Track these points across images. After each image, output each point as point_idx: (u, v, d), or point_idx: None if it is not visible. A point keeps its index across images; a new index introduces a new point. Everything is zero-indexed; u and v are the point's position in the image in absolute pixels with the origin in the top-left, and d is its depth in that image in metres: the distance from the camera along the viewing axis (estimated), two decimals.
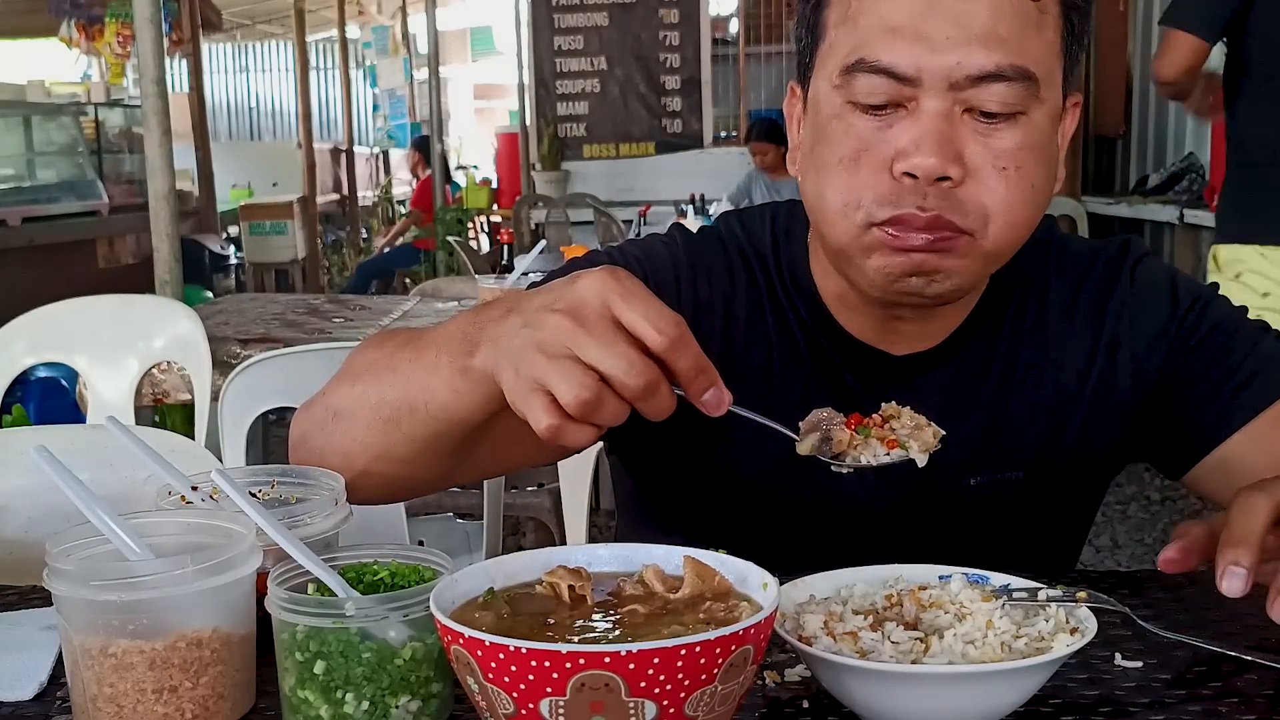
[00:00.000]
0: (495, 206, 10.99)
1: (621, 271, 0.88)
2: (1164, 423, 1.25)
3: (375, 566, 0.92)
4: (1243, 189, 3.26)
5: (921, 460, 0.98)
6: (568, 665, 0.71)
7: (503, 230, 6.49)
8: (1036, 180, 1.10)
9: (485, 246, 10.64)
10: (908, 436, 0.99)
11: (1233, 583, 0.89)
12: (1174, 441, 1.26)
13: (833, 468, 0.99)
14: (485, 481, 2.49)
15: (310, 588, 0.88)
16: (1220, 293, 1.28)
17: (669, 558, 0.88)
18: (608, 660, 0.71)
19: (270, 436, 3.47)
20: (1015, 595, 0.94)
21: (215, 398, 2.66)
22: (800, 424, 0.99)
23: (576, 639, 0.79)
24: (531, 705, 0.73)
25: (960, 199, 1.07)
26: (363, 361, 1.10)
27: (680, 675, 0.72)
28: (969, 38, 1.05)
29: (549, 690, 0.72)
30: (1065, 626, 0.89)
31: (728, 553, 0.88)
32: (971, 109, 1.07)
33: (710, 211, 6.70)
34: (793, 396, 1.23)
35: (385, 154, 15.87)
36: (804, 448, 0.98)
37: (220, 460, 1.97)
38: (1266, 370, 1.21)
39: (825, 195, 1.12)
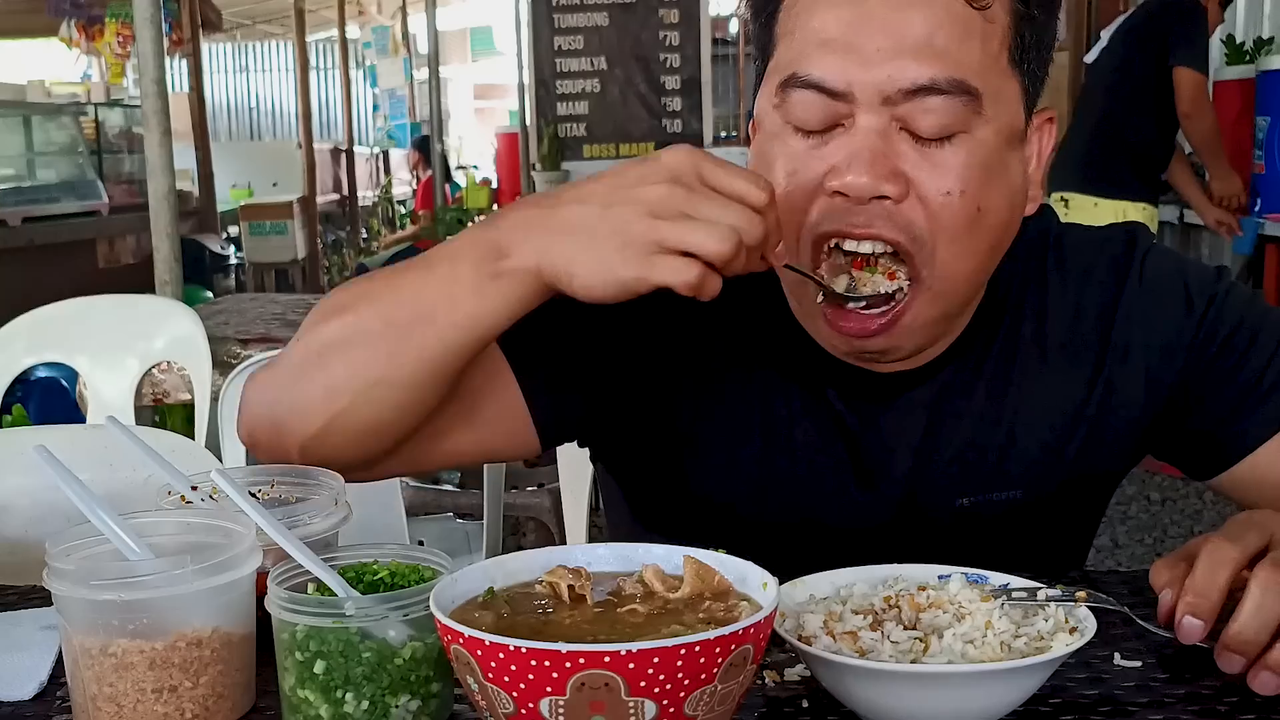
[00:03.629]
0: (495, 206, 10.99)
1: (695, 148, 0.94)
2: (1183, 433, 1.20)
3: (375, 566, 0.92)
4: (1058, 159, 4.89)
5: (907, 286, 1.06)
6: (567, 665, 0.71)
7: None
8: (985, 203, 1.04)
9: None
10: (896, 268, 1.07)
11: (1190, 632, 0.90)
12: (1196, 450, 1.21)
13: (850, 304, 1.05)
14: (485, 481, 2.49)
15: (310, 587, 0.88)
16: (1234, 280, 1.21)
17: (669, 557, 0.88)
18: (607, 660, 0.71)
19: None
20: (1014, 595, 0.94)
21: (215, 398, 2.66)
22: (823, 272, 1.07)
23: (576, 639, 0.79)
24: (531, 705, 0.73)
25: (902, 217, 1.03)
26: (347, 298, 1.07)
27: (680, 675, 0.72)
28: (901, 49, 1.00)
29: (549, 690, 0.72)
30: (1065, 626, 0.89)
31: (727, 552, 0.88)
32: (909, 128, 1.02)
33: None
34: (775, 416, 1.19)
35: (385, 154, 15.86)
36: (840, 285, 1.05)
37: (220, 460, 1.97)
38: None
39: None
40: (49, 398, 4.24)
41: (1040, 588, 0.94)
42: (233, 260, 10.79)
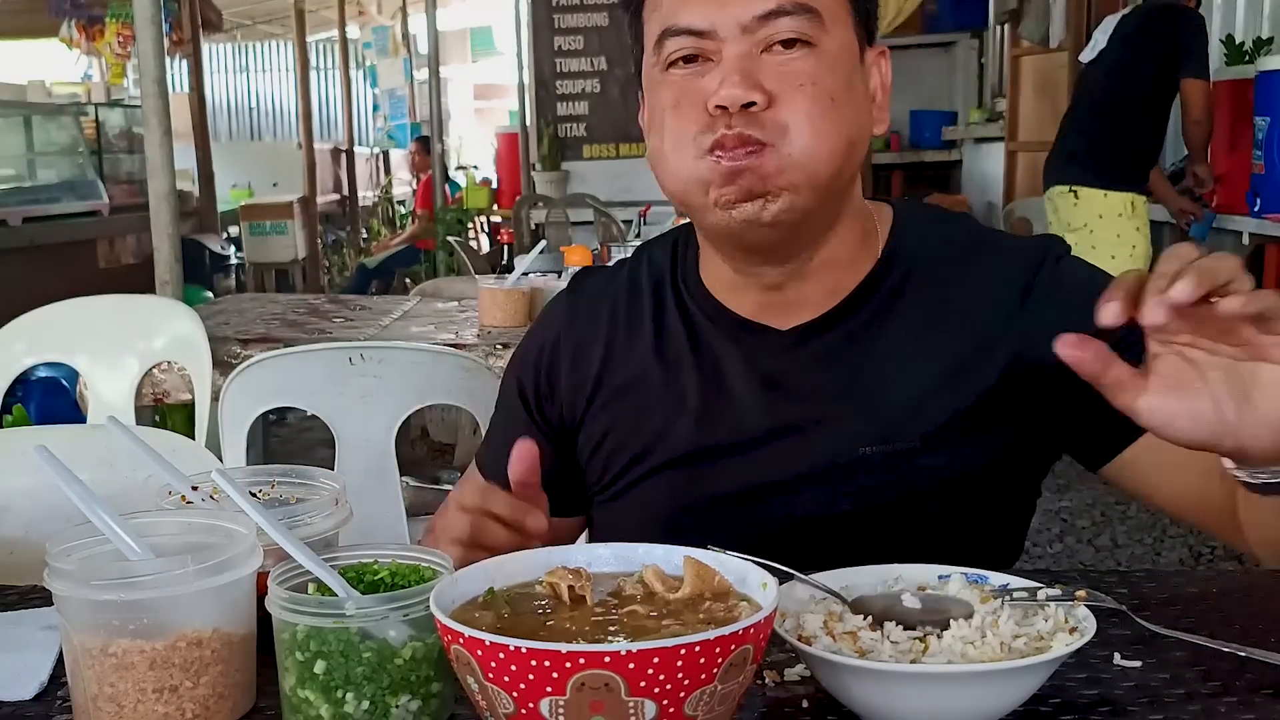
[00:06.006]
0: (495, 206, 10.98)
1: None
2: (1075, 418, 1.23)
3: (375, 566, 0.92)
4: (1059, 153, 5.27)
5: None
6: (568, 665, 0.71)
7: (503, 230, 6.50)
8: (836, 95, 1.20)
9: (485, 246, 10.63)
10: None
11: (1154, 311, 0.89)
12: (1087, 437, 1.25)
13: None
14: None
15: (310, 587, 0.88)
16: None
17: (669, 558, 0.89)
18: (608, 660, 0.71)
19: (270, 436, 3.47)
20: (1015, 595, 0.94)
21: (215, 398, 2.66)
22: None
23: (576, 639, 0.79)
24: (531, 705, 0.73)
25: (765, 119, 1.19)
26: None
27: (680, 675, 0.72)
28: None
29: (549, 690, 0.72)
30: (1064, 626, 0.89)
31: (728, 552, 0.89)
32: (768, 46, 1.20)
33: None
34: (675, 390, 1.32)
35: (385, 154, 15.85)
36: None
37: (220, 460, 1.97)
38: None
39: (663, 149, 1.24)
40: (49, 398, 4.25)
41: (1040, 588, 0.95)
42: (233, 260, 10.78)
